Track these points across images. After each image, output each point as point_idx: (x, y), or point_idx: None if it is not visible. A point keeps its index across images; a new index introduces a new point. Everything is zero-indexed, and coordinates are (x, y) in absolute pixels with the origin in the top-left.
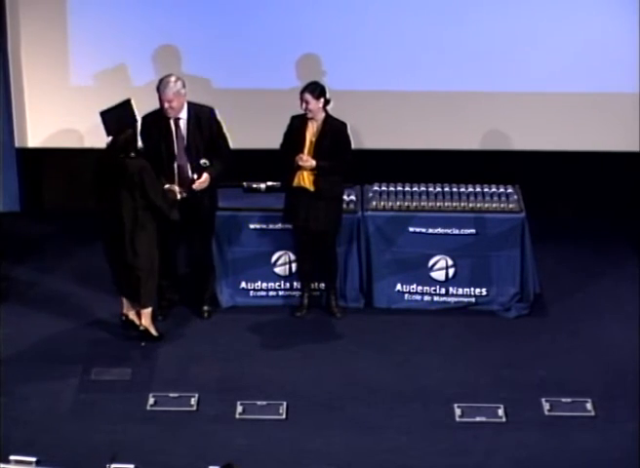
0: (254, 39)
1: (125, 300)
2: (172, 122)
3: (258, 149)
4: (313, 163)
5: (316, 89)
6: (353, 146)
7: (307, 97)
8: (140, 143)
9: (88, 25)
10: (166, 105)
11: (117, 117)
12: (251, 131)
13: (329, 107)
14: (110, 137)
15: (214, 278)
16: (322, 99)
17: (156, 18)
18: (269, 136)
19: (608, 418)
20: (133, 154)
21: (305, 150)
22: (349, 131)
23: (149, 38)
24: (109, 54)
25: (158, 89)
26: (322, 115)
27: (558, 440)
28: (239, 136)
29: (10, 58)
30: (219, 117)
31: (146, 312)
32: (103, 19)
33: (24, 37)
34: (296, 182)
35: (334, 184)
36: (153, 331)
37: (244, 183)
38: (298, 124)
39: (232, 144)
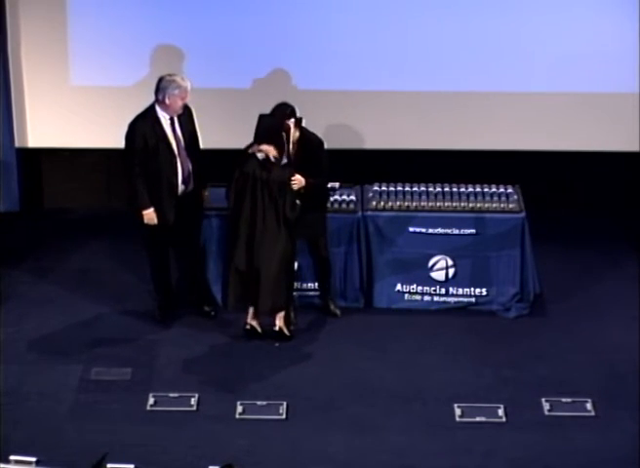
0: (255, 38)
1: (251, 310)
2: (167, 121)
3: None
4: (303, 182)
5: (287, 109)
6: (354, 147)
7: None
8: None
9: (88, 25)
10: (182, 103)
11: (277, 124)
12: (250, 131)
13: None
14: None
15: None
16: (293, 119)
17: (156, 17)
18: None
19: (608, 418)
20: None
21: None
22: (325, 144)
23: (149, 38)
24: (109, 54)
25: (178, 87)
26: (297, 134)
27: (558, 440)
28: (239, 135)
29: (10, 58)
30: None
31: (281, 313)
32: (103, 18)
33: (24, 37)
34: None
35: (317, 192)
36: (287, 332)
37: None
38: None
39: (231, 145)
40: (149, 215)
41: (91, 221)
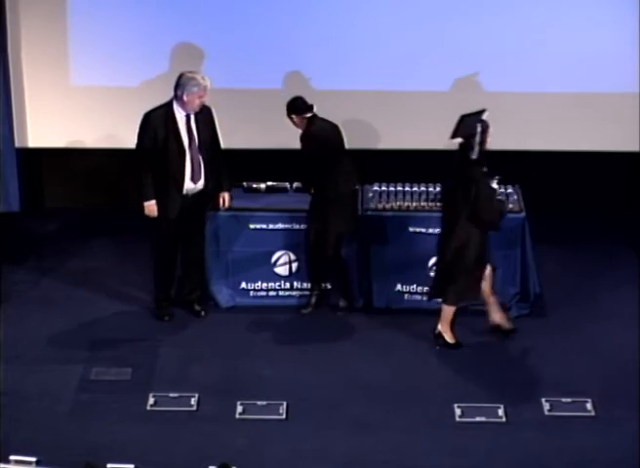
0: (255, 38)
1: (491, 306)
2: (183, 118)
3: (258, 149)
4: None
5: (286, 109)
6: (354, 147)
7: (288, 118)
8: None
9: (88, 25)
10: (200, 101)
11: (469, 122)
12: (251, 131)
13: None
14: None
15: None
16: (293, 116)
17: (156, 17)
18: (270, 137)
19: (608, 418)
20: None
21: None
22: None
23: (150, 38)
24: (109, 54)
25: (197, 85)
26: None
27: (558, 440)
28: (240, 135)
29: (10, 58)
30: (214, 116)
31: (446, 314)
32: (104, 18)
33: (24, 37)
34: None
35: None
36: (447, 338)
37: (244, 183)
38: None
39: (233, 144)
40: (150, 208)
41: (91, 221)
